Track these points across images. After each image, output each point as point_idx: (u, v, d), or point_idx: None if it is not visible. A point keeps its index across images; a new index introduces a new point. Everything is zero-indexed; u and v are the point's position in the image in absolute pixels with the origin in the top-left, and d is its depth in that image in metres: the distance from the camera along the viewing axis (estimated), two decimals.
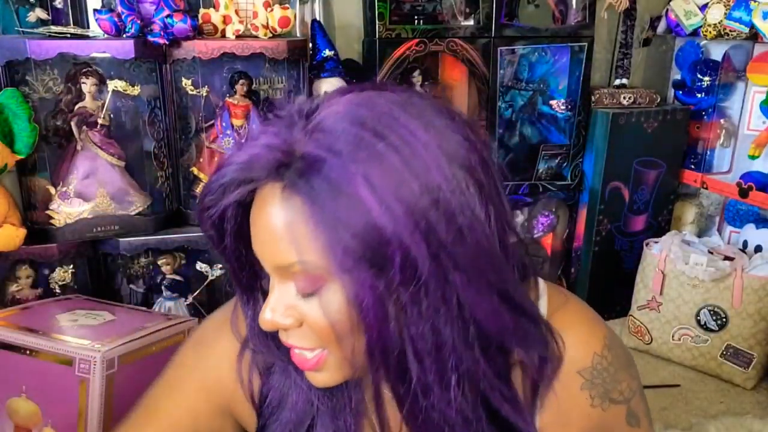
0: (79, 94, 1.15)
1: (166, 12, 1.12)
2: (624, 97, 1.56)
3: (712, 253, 1.44)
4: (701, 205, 1.70)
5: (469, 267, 0.49)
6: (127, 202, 1.21)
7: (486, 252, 0.51)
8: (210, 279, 1.27)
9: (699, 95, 1.60)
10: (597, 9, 1.52)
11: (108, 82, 1.15)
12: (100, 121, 1.17)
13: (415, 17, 1.39)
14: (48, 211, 1.15)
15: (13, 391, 0.91)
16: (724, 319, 1.41)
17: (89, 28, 1.19)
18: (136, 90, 1.17)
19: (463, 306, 0.50)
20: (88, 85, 1.15)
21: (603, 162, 1.54)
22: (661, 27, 1.62)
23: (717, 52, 1.58)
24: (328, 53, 1.28)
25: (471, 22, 1.42)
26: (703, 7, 1.49)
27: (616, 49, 1.61)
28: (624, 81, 1.60)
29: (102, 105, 1.16)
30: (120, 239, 1.18)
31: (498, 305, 0.52)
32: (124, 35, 1.12)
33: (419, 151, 0.48)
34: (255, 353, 0.64)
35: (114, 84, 1.15)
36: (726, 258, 1.43)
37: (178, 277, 1.28)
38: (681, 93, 1.64)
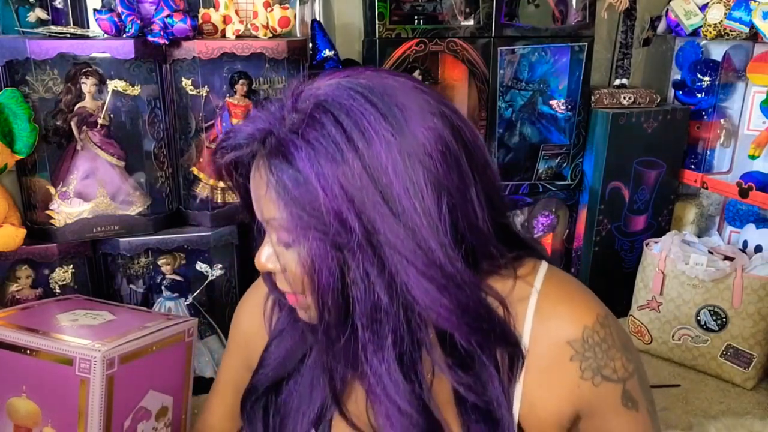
0: (79, 94, 1.15)
1: (166, 12, 1.12)
2: (624, 97, 1.56)
3: (712, 253, 1.45)
4: (701, 205, 1.70)
5: (402, 247, 0.57)
6: (127, 202, 1.21)
7: (422, 237, 0.57)
8: (210, 279, 1.27)
9: (699, 95, 1.60)
10: (597, 9, 1.52)
11: (108, 82, 1.15)
12: (100, 121, 1.17)
13: (415, 17, 1.39)
14: (48, 211, 1.15)
15: (13, 391, 0.91)
16: (724, 319, 1.41)
17: (89, 28, 1.19)
18: (136, 90, 1.17)
19: (397, 279, 0.58)
20: (88, 85, 1.14)
21: (603, 162, 1.54)
22: (661, 27, 1.61)
23: (717, 52, 1.58)
24: (328, 53, 1.28)
25: (471, 22, 1.42)
26: (703, 7, 1.49)
27: (616, 49, 1.61)
28: (624, 81, 1.60)
29: (102, 105, 1.16)
30: (120, 239, 1.19)
31: (436, 288, 0.58)
32: (124, 35, 1.12)
33: (373, 142, 0.56)
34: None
35: (114, 84, 1.15)
36: (726, 258, 1.43)
37: (178, 277, 1.28)
38: (681, 93, 1.64)
